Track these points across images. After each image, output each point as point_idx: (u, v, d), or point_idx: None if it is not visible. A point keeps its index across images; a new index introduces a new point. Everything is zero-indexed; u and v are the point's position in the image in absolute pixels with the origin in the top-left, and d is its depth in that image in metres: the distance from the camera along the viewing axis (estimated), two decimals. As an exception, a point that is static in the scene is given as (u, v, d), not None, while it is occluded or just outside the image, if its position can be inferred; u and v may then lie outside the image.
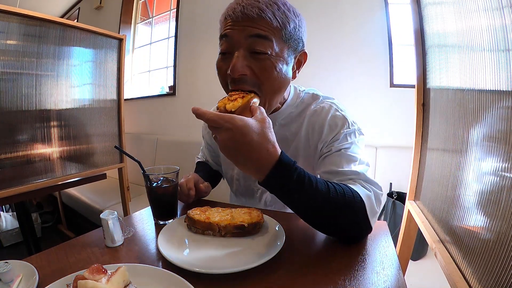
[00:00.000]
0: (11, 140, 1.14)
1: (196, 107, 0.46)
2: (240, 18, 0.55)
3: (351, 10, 1.66)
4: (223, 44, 0.59)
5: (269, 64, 0.56)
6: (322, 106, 0.70)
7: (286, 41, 0.58)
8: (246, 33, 0.55)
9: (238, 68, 0.55)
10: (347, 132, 0.65)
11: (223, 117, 0.45)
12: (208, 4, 2.21)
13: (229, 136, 0.45)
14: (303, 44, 0.64)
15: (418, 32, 0.86)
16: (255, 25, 0.55)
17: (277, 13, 0.55)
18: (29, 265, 0.46)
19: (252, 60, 0.56)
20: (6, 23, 1.07)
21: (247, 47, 0.56)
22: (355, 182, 0.58)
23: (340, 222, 0.53)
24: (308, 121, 0.71)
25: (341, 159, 0.62)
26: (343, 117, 0.67)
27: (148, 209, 0.75)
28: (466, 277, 0.51)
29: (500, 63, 0.43)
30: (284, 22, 0.56)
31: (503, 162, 0.42)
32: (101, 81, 1.49)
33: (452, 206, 0.61)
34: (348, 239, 0.56)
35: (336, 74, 1.71)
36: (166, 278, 0.42)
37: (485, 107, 0.49)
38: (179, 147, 2.16)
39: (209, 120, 0.45)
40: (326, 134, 0.67)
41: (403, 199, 1.14)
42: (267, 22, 0.54)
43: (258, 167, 0.47)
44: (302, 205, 0.51)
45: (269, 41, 0.55)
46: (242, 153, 0.46)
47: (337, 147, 0.64)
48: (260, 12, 0.54)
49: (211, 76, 2.18)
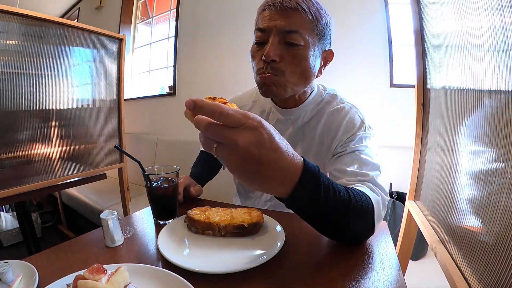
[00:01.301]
0: (11, 140, 1.14)
1: (192, 99, 0.33)
2: (279, 9, 0.59)
3: (351, 10, 1.66)
4: (260, 35, 0.63)
5: (301, 54, 0.61)
6: (342, 107, 0.72)
7: (318, 35, 0.63)
8: (282, 26, 0.59)
9: (271, 54, 0.59)
10: (363, 136, 0.66)
11: (242, 112, 0.33)
12: (208, 4, 2.20)
13: (255, 140, 0.33)
14: (330, 42, 0.69)
15: (418, 32, 0.86)
16: (291, 18, 0.59)
17: (311, 7, 0.60)
18: (29, 265, 0.46)
19: (284, 50, 0.60)
20: (6, 23, 1.07)
21: (282, 38, 0.60)
22: (363, 184, 0.57)
23: (352, 229, 0.50)
24: (326, 119, 0.72)
25: (353, 160, 0.63)
26: (361, 120, 0.69)
27: (148, 209, 0.75)
28: (466, 277, 0.51)
29: (500, 63, 0.43)
30: (317, 16, 0.61)
31: (503, 162, 0.42)
32: (101, 81, 1.49)
33: (452, 206, 0.61)
34: (351, 242, 0.55)
35: (336, 73, 1.71)
36: (166, 278, 0.42)
37: (485, 107, 0.48)
38: (179, 147, 2.15)
39: (227, 116, 0.32)
40: (342, 133, 0.68)
41: (403, 199, 1.14)
42: (302, 14, 0.59)
43: (283, 178, 0.36)
44: (323, 215, 0.44)
45: (302, 34, 0.60)
46: (268, 162, 0.34)
47: (351, 148, 0.65)
48: (297, 5, 0.59)
49: (211, 76, 2.20)
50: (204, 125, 0.33)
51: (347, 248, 0.54)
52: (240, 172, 0.35)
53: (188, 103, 0.33)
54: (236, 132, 0.32)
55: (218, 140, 0.33)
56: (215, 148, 0.34)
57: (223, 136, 0.33)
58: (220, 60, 2.15)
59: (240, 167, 0.34)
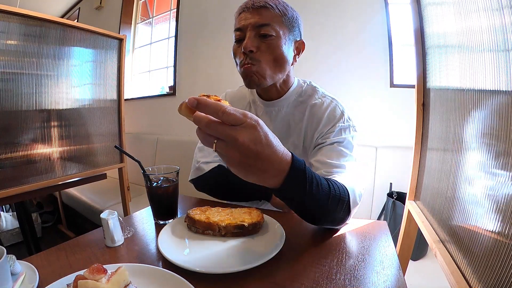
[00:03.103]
0: (11, 140, 1.14)
1: (194, 97, 0.35)
2: (251, 9, 0.69)
3: (351, 10, 1.66)
4: (238, 34, 0.72)
5: (274, 43, 0.69)
6: (323, 101, 0.78)
7: (287, 26, 0.71)
8: (255, 22, 0.68)
9: (249, 45, 0.68)
10: (342, 127, 0.73)
11: (241, 111, 0.36)
12: (208, 4, 2.21)
13: (253, 137, 0.36)
14: (300, 33, 0.76)
15: (418, 32, 0.86)
16: (262, 14, 0.68)
17: (278, 4, 0.70)
18: (29, 265, 0.46)
19: (260, 41, 0.69)
20: (6, 23, 1.07)
21: (256, 32, 0.69)
22: (340, 175, 0.64)
23: (332, 215, 0.56)
24: (309, 113, 0.78)
25: (332, 152, 0.70)
26: (341, 112, 0.75)
27: (148, 209, 0.75)
28: (466, 277, 0.51)
29: (500, 64, 0.43)
30: (284, 11, 0.71)
31: (503, 162, 0.42)
32: (101, 81, 1.49)
33: (452, 206, 0.61)
34: (330, 226, 0.62)
35: (336, 73, 1.71)
36: (166, 278, 0.42)
37: (485, 107, 0.49)
38: (179, 147, 2.16)
39: (228, 115, 0.35)
40: (324, 125, 0.74)
41: (403, 199, 1.14)
42: (270, 10, 0.69)
43: (276, 171, 0.41)
44: (307, 203, 0.48)
45: (273, 26, 0.69)
46: (263, 157, 0.37)
47: (331, 140, 0.71)
48: (265, 3, 0.69)
49: (211, 76, 2.20)
50: (205, 123, 0.35)
51: (348, 248, 0.54)
52: (237, 166, 0.38)
53: (191, 101, 0.35)
54: (236, 130, 0.35)
55: (218, 137, 0.36)
56: (215, 144, 0.37)
57: (224, 133, 0.35)
58: (220, 60, 2.15)
59: (238, 161, 0.37)
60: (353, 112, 0.79)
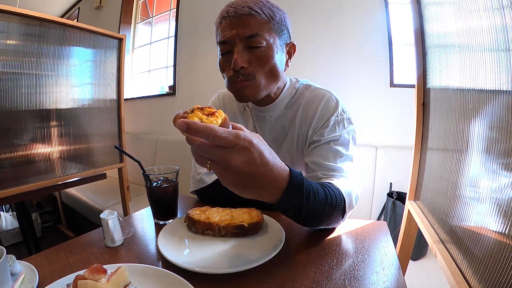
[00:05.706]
0: (11, 140, 1.14)
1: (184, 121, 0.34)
2: (234, 17, 0.61)
3: (351, 10, 1.66)
4: (223, 47, 0.65)
5: (266, 54, 0.63)
6: (317, 93, 0.74)
7: (276, 32, 0.65)
8: (242, 33, 0.61)
9: (239, 62, 0.61)
10: (336, 121, 0.70)
11: (234, 133, 0.36)
12: (208, 4, 2.21)
13: (247, 159, 0.35)
14: (290, 36, 0.70)
15: (418, 32, 0.86)
16: (249, 23, 0.61)
17: (264, 8, 0.62)
18: (29, 265, 0.46)
19: (250, 54, 0.62)
20: (6, 23, 1.07)
21: (245, 44, 0.62)
22: (336, 177, 0.63)
23: (327, 221, 0.56)
24: (302, 109, 0.74)
25: (328, 152, 0.67)
26: (334, 104, 0.71)
27: (148, 209, 0.75)
28: (466, 277, 0.51)
29: (501, 63, 0.43)
30: (271, 15, 0.63)
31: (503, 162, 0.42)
32: (101, 81, 1.49)
33: (452, 206, 0.61)
34: (324, 229, 0.61)
35: (336, 73, 1.71)
36: (166, 278, 0.42)
37: (486, 107, 0.48)
38: (179, 147, 2.15)
39: (220, 139, 0.34)
40: (318, 120, 0.71)
41: (403, 199, 1.14)
42: (257, 17, 0.61)
43: (273, 188, 0.41)
44: (305, 214, 0.48)
45: (263, 35, 0.62)
46: (259, 177, 0.37)
47: (326, 138, 0.68)
48: (250, 10, 0.61)
49: (211, 76, 2.20)
50: (197, 146, 0.35)
51: (348, 248, 0.54)
52: (233, 185, 0.38)
53: (180, 125, 0.34)
54: (228, 153, 0.35)
55: (211, 159, 0.36)
56: (208, 164, 0.37)
57: (217, 156, 0.35)
58: (220, 60, 2.15)
59: (233, 181, 0.37)
60: (353, 112, 0.77)
